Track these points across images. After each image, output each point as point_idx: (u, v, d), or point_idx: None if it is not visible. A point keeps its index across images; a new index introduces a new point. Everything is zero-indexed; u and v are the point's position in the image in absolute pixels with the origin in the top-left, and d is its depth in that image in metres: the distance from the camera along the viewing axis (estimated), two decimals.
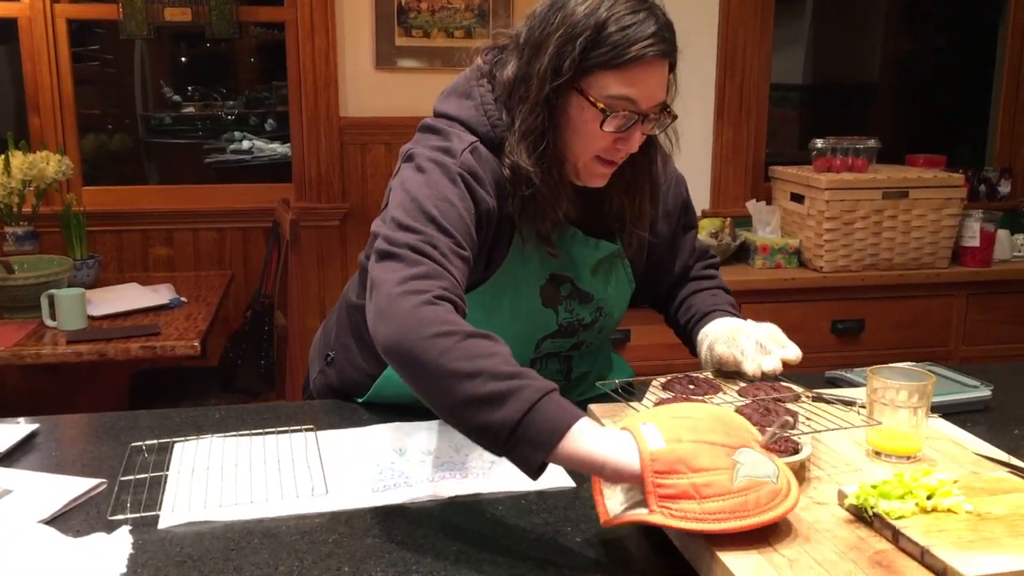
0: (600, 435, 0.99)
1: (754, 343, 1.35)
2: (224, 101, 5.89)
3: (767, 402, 1.26)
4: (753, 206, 2.81)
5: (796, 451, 1.13)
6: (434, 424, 1.41)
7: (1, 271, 2.66)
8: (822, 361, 2.66)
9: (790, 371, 1.43)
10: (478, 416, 1.00)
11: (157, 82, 5.61)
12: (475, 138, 1.29)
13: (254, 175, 5.15)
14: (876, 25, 4.06)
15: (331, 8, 3.33)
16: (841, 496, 1.04)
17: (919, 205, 2.63)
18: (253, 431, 1.39)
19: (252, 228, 3.45)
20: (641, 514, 0.96)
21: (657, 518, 0.94)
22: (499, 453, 1.02)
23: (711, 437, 0.97)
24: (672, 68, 1.28)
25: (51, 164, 2.93)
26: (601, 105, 1.21)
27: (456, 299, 1.13)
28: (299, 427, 1.40)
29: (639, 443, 0.96)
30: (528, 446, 0.99)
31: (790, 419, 1.20)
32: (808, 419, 1.24)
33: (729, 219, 2.76)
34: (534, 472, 1.01)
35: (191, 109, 5.78)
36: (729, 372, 1.40)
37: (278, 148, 4.96)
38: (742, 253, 2.75)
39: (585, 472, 1.01)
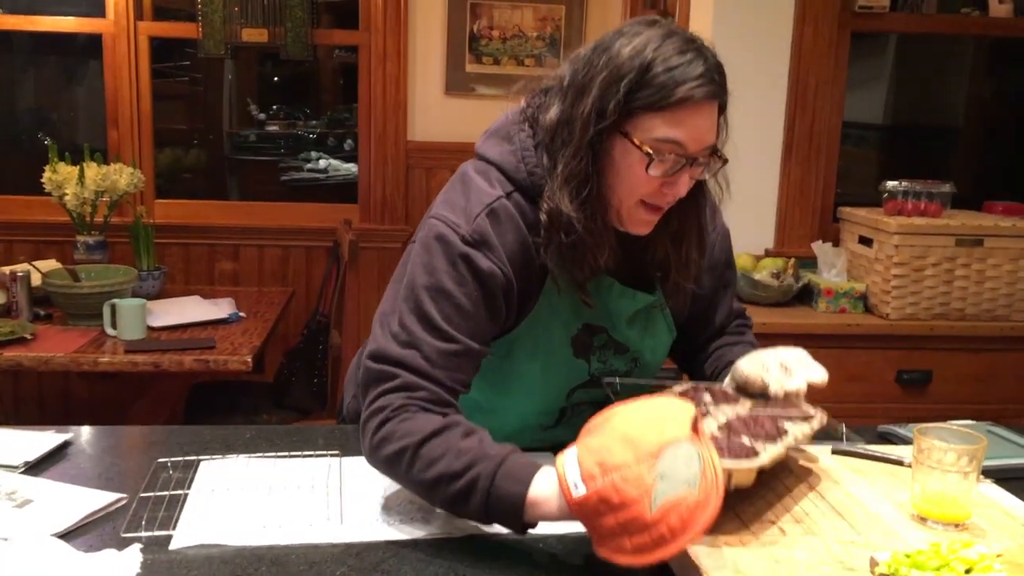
0: (551, 494, 1.06)
1: (778, 363, 1.27)
2: (307, 120, 6.01)
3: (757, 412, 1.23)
4: (819, 247, 2.72)
5: (752, 454, 1.09)
6: None
7: (67, 279, 2.73)
8: (885, 412, 2.56)
9: (847, 417, 1.37)
10: (459, 512, 1.13)
11: (244, 100, 5.76)
12: (505, 190, 1.26)
13: (328, 194, 5.23)
14: (961, 66, 3.93)
15: (404, 33, 3.36)
16: (873, 563, 0.97)
17: (995, 254, 2.52)
18: (279, 454, 1.37)
19: (316, 247, 3.49)
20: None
21: (605, 553, 1.01)
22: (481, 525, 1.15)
23: (627, 456, 0.99)
24: (722, 110, 1.22)
25: (124, 176, 3.01)
26: (647, 148, 1.16)
27: (426, 403, 1.17)
28: (325, 452, 1.38)
29: (564, 492, 1.02)
30: (505, 522, 1.10)
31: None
32: (795, 437, 1.19)
33: (793, 260, 2.68)
34: (523, 532, 1.11)
35: (275, 127, 5.92)
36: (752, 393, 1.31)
37: (353, 168, 5.03)
38: (805, 295, 2.66)
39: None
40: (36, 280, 2.78)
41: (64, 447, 1.41)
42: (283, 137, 5.87)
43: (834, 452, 1.33)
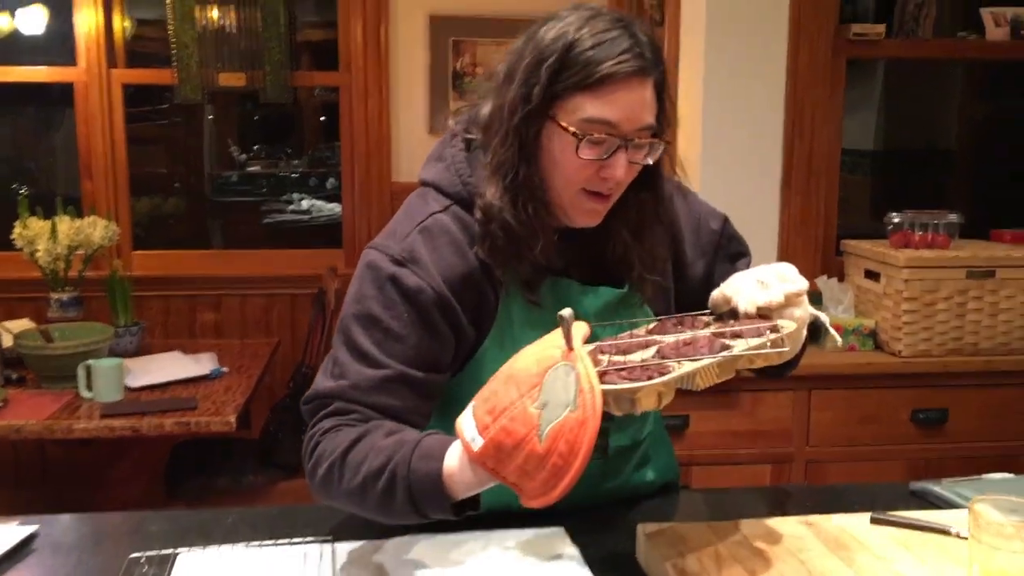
0: (463, 463, 1.01)
1: (753, 281, 1.14)
2: (289, 160, 5.92)
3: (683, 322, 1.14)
4: (824, 283, 2.63)
5: (657, 375, 0.96)
6: (483, 537, 1.25)
7: (39, 340, 2.60)
8: (901, 455, 2.45)
9: (862, 461, 1.25)
10: (391, 510, 1.08)
11: (225, 141, 5.67)
12: (442, 205, 1.23)
13: (312, 235, 5.11)
14: (952, 88, 3.87)
15: (385, 73, 3.27)
16: None
17: (1008, 285, 2.42)
18: (264, 543, 1.25)
19: (301, 294, 3.37)
20: None
21: (527, 503, 0.96)
22: (422, 520, 1.08)
23: (511, 394, 0.95)
24: (660, 90, 1.16)
25: (98, 229, 2.89)
26: (573, 129, 1.12)
27: (356, 422, 1.14)
28: (315, 539, 1.26)
29: (467, 450, 0.98)
30: (432, 506, 1.05)
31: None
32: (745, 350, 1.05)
33: None
34: (460, 515, 1.06)
35: (256, 168, 5.82)
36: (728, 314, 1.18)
37: (337, 208, 4.93)
38: (812, 334, 2.55)
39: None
40: (7, 342, 2.65)
41: (30, 540, 1.28)
42: (265, 177, 5.77)
43: (873, 521, 1.22)
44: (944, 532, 1.18)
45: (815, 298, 2.66)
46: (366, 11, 3.24)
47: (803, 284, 1.14)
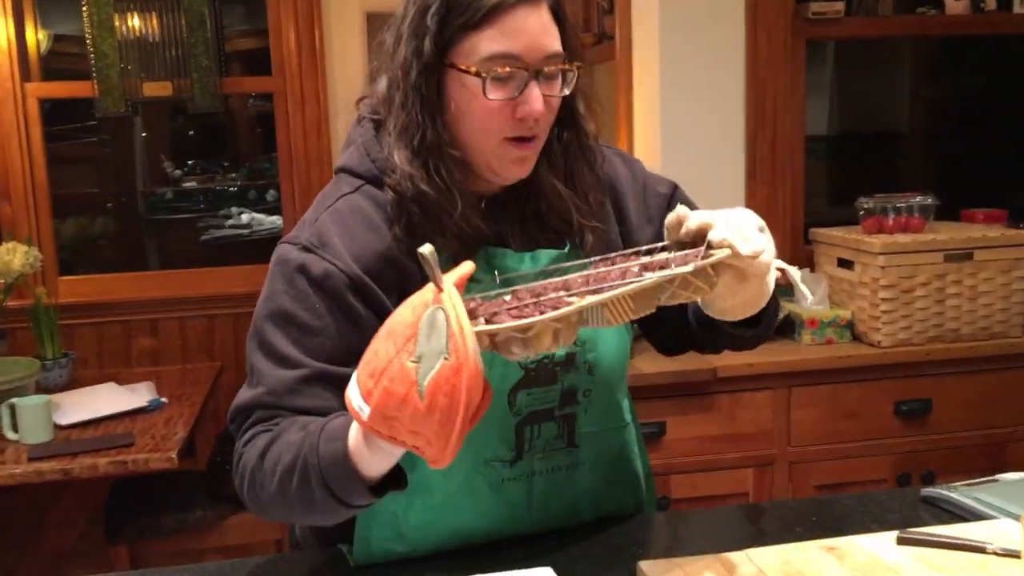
0: (359, 436, 0.95)
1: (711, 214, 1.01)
2: (225, 174, 5.69)
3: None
4: (795, 273, 2.51)
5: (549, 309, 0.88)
6: None
7: None
8: (887, 449, 2.35)
9: (847, 458, 1.12)
10: (314, 505, 1.00)
11: (157, 157, 5.42)
12: (353, 186, 1.16)
13: (253, 250, 4.90)
14: (903, 68, 3.81)
15: (322, 76, 3.09)
16: None
17: (986, 267, 2.33)
18: None
19: (243, 313, 3.17)
20: None
21: (434, 466, 0.89)
22: (350, 510, 1.02)
23: (389, 351, 0.86)
24: (557, 13, 1.10)
25: (17, 256, 2.67)
26: (474, 69, 1.06)
27: (272, 427, 1.07)
28: None
29: (359, 423, 0.90)
30: (347, 491, 0.97)
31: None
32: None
33: None
34: (382, 496, 0.99)
35: (192, 183, 5.58)
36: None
37: (278, 221, 4.72)
38: (786, 328, 2.44)
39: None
40: None
41: None
42: (201, 193, 5.55)
43: (900, 541, 1.09)
44: (980, 550, 1.06)
45: (785, 291, 2.55)
46: (298, 11, 3.06)
47: (762, 225, 1.03)
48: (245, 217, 5.35)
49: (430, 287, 0.87)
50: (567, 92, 1.12)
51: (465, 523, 1.19)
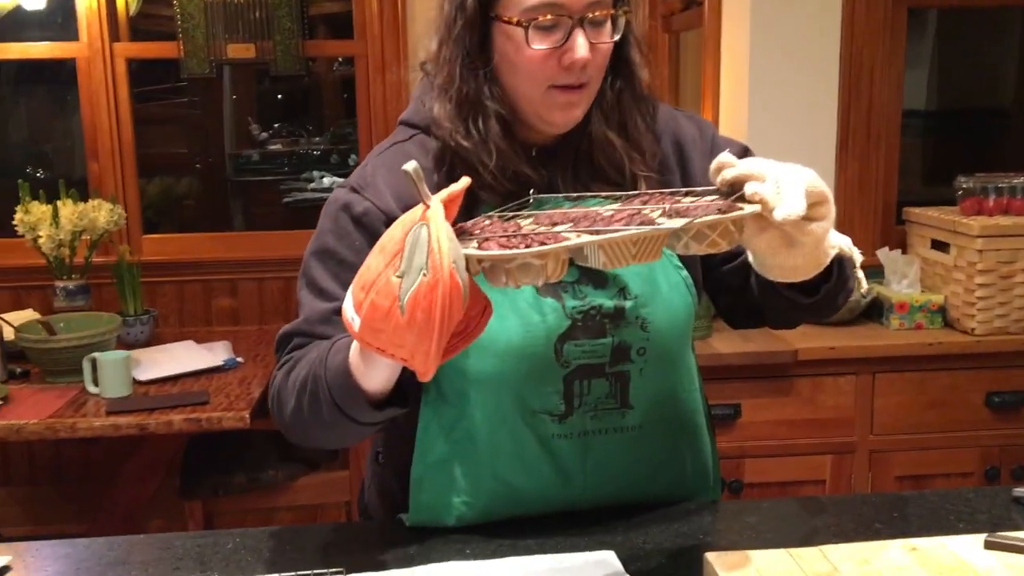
0: (358, 350, 0.98)
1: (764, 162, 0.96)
2: (310, 138, 5.74)
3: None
4: (886, 255, 2.40)
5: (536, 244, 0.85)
6: (520, 562, 1.07)
7: (40, 333, 2.44)
8: (975, 442, 2.24)
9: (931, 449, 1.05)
10: (323, 420, 1.04)
11: (244, 119, 5.50)
12: (407, 135, 1.20)
13: None
14: (1011, 41, 3.60)
15: (404, 40, 3.06)
16: None
17: None
18: (266, 574, 1.07)
19: None
20: None
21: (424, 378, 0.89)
22: (359, 427, 1.05)
23: (379, 265, 0.88)
24: None
25: (102, 213, 2.73)
26: (517, 19, 1.06)
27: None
28: (324, 571, 1.07)
29: (352, 334, 0.92)
30: (355, 408, 1.01)
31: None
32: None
33: None
34: (384, 410, 1.02)
35: (277, 146, 5.65)
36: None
37: None
38: (874, 311, 2.34)
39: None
40: (8, 335, 2.49)
41: (2, 573, 1.11)
42: (285, 156, 5.61)
43: (988, 545, 1.02)
44: None
45: (874, 272, 2.44)
46: None
47: (821, 191, 0.95)
48: (327, 181, 5.39)
49: (420, 205, 0.88)
50: (616, 38, 1.10)
51: (516, 482, 1.17)
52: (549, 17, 1.05)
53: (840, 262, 1.06)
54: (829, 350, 2.16)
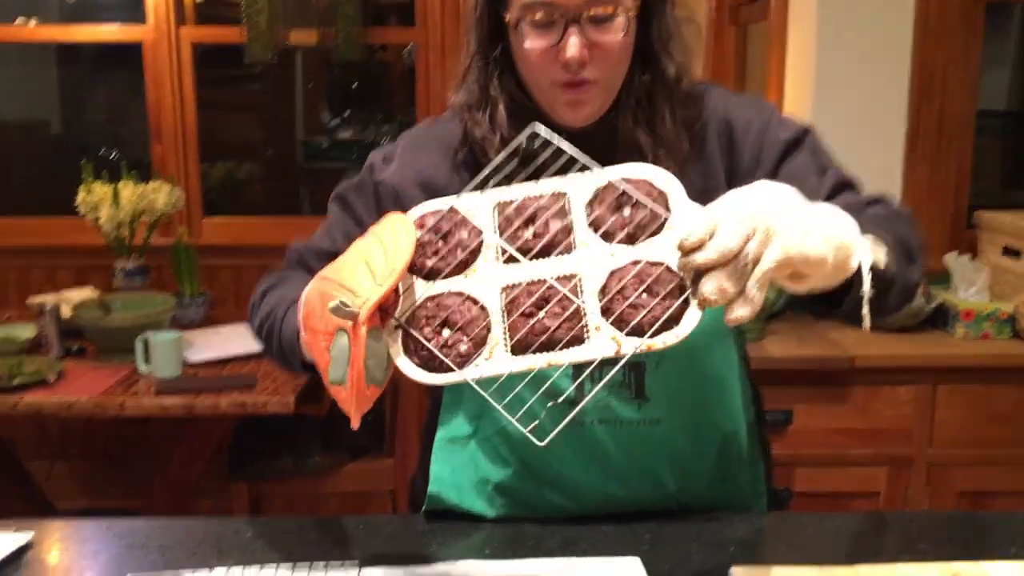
0: None
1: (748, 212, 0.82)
2: (379, 126, 5.77)
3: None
4: (954, 261, 2.30)
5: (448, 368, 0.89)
6: (538, 564, 1.04)
7: (97, 311, 2.48)
8: None
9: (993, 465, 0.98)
10: (273, 353, 1.14)
11: (315, 106, 5.55)
12: (447, 117, 1.22)
13: None
14: None
15: (465, 27, 3.03)
16: None
17: None
18: (279, 565, 1.05)
19: None
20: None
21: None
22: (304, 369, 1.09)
23: (317, 320, 0.90)
24: None
25: (161, 195, 2.76)
26: (513, 19, 1.07)
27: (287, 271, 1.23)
28: (339, 561, 1.05)
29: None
30: (298, 366, 1.08)
31: None
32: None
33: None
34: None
35: (347, 134, 5.69)
36: None
37: None
38: (938, 318, 2.24)
39: None
40: (66, 312, 2.54)
41: (22, 551, 1.12)
42: (355, 143, 5.64)
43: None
44: None
45: (941, 279, 2.34)
46: None
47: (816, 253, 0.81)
48: None
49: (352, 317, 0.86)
50: (619, 36, 1.07)
51: (538, 459, 1.16)
52: (540, 16, 1.05)
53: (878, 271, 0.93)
54: (888, 358, 2.07)
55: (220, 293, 3.09)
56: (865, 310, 0.87)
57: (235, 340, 2.62)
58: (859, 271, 0.85)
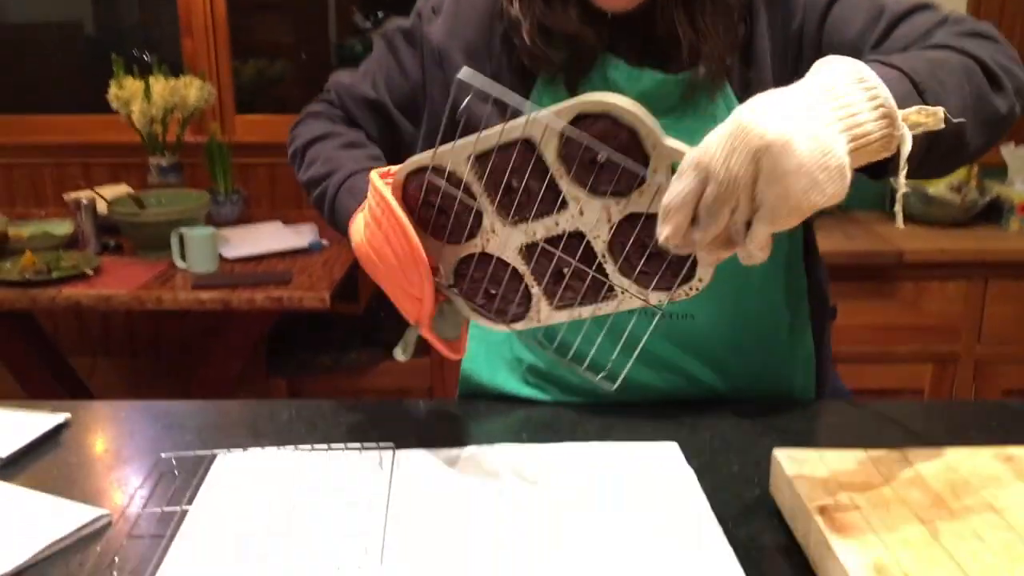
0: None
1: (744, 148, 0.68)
2: None
3: None
4: (1009, 152, 2.20)
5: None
6: (574, 448, 1.02)
7: (131, 206, 2.48)
8: None
9: None
10: (325, 217, 1.13)
11: (348, 7, 5.43)
12: None
13: None
14: None
15: None
16: None
17: None
18: (315, 446, 1.04)
19: None
20: None
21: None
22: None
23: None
24: None
25: (192, 90, 2.72)
26: None
27: (331, 111, 1.22)
28: (374, 444, 1.04)
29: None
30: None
31: None
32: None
33: (975, 168, 2.18)
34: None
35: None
36: None
37: None
38: (992, 213, 2.16)
39: None
40: (103, 208, 2.54)
41: (60, 430, 1.12)
42: None
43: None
44: None
45: (996, 171, 2.24)
46: None
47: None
48: None
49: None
50: None
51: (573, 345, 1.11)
52: None
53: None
54: (939, 252, 2.01)
55: (255, 192, 3.07)
56: (898, 207, 0.77)
57: (270, 237, 2.61)
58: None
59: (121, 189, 2.75)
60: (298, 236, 2.61)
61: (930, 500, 0.83)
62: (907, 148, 0.71)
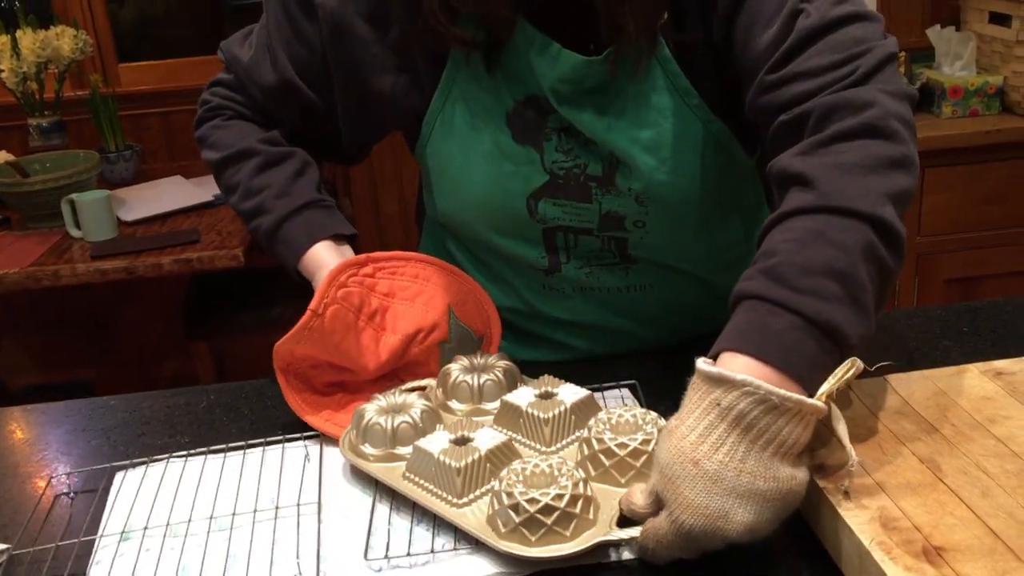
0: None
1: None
2: None
3: None
4: (936, 34, 2.13)
5: None
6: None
7: (13, 175, 2.27)
8: None
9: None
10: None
11: None
12: None
13: None
14: None
15: None
16: None
17: None
18: (231, 445, 0.93)
19: None
20: None
21: None
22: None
23: None
24: None
25: (66, 40, 2.49)
26: None
27: (238, 106, 1.09)
28: (297, 436, 0.93)
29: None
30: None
31: None
32: None
33: (904, 54, 2.10)
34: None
35: None
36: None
37: None
38: (924, 99, 2.10)
39: None
40: None
41: None
42: None
43: None
44: None
45: (924, 56, 2.18)
46: None
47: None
48: None
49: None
50: None
51: (526, 317, 1.07)
52: None
53: None
54: None
55: (149, 146, 2.86)
56: (847, 444, 0.68)
57: (172, 194, 2.44)
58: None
59: (0, 156, 2.52)
60: (201, 190, 2.43)
61: (924, 431, 0.76)
62: (842, 427, 0.69)
